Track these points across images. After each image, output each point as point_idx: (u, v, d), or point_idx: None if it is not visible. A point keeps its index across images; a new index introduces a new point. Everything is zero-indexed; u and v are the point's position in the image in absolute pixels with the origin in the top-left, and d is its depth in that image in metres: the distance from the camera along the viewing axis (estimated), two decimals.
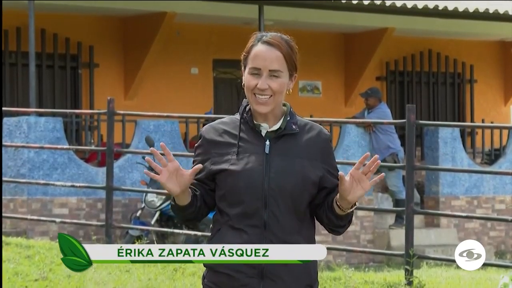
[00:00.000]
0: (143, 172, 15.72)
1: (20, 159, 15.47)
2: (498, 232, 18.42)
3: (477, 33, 21.32)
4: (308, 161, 4.17)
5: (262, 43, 4.16)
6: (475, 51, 22.24)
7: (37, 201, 15.40)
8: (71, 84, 18.63)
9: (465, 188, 18.02)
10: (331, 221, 4.19)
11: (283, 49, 4.16)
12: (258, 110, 4.15)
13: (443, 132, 17.65)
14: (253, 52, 4.16)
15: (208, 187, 4.20)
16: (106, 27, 18.77)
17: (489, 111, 22.06)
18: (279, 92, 4.14)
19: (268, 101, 4.13)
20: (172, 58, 19.07)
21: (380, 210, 17.10)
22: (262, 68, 4.13)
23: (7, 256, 11.75)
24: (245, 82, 4.18)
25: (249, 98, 4.16)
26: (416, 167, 11.47)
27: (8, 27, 17.55)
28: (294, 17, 18.17)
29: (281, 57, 4.15)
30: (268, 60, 4.13)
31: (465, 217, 15.10)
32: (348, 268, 12.71)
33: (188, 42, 19.17)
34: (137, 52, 18.59)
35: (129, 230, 14.53)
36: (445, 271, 12.95)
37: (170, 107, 17.91)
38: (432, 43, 21.67)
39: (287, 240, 4.12)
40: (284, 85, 4.16)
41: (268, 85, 4.12)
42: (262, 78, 4.13)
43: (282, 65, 4.15)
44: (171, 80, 19.21)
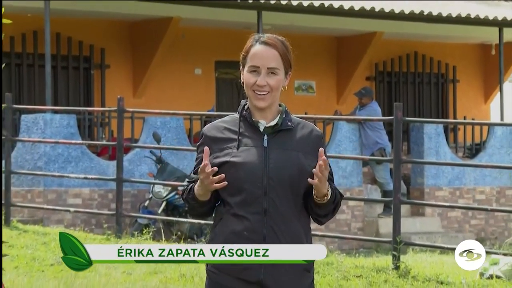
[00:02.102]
0: (151, 165, 15.76)
1: (37, 153, 15.46)
2: (479, 220, 18.42)
3: (459, 36, 21.31)
4: (303, 154, 4.18)
5: (260, 43, 4.17)
6: (458, 53, 22.23)
7: (52, 192, 15.40)
8: (84, 83, 18.62)
9: (448, 180, 18.02)
10: (312, 210, 4.19)
11: (279, 48, 4.17)
12: (258, 105, 4.16)
13: (428, 128, 17.65)
14: (252, 52, 4.17)
15: None
16: (116, 30, 18.75)
17: (471, 109, 22.04)
18: (276, 88, 4.15)
19: (266, 97, 4.14)
20: (177, 60, 19.05)
21: (370, 200, 17.10)
22: (261, 66, 4.14)
23: (25, 242, 11.76)
24: (244, 79, 4.18)
25: (249, 94, 4.17)
26: (402, 161, 11.44)
27: (25, 30, 17.54)
28: (290, 22, 18.14)
29: (277, 55, 4.16)
30: (266, 59, 4.14)
31: (448, 206, 15.11)
32: (340, 253, 12.70)
33: (192, 45, 19.16)
34: (145, 54, 18.57)
35: (138, 219, 14.53)
36: (430, 257, 12.96)
37: (176, 105, 17.91)
38: (418, 46, 21.66)
39: (286, 226, 4.12)
40: (281, 81, 4.18)
41: (266, 82, 4.13)
42: (261, 75, 4.14)
43: (279, 63, 4.16)
44: (176, 80, 19.20)
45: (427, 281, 10.07)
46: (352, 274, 10.25)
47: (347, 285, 9.75)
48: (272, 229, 4.11)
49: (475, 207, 17.12)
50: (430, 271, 10.77)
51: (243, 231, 4.11)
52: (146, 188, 15.56)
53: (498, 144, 18.68)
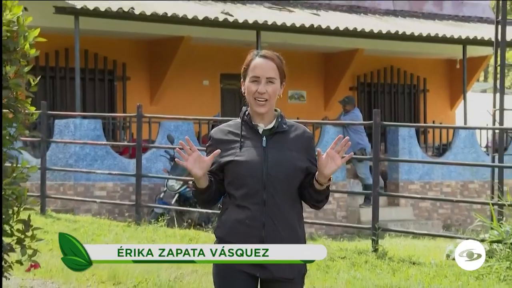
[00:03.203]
0: (165, 162, 15.75)
1: (68, 152, 15.46)
2: (445, 210, 18.42)
3: (429, 52, 21.31)
4: (296, 153, 4.18)
5: (259, 57, 4.19)
6: (428, 67, 22.23)
7: (81, 186, 15.39)
8: (108, 93, 18.62)
9: (419, 175, 18.01)
10: (312, 196, 4.17)
11: (276, 61, 4.19)
12: (258, 111, 4.16)
13: (402, 131, 17.66)
14: (253, 64, 4.18)
15: (219, 177, 4.17)
16: (136, 48, 18.75)
17: (438, 115, 22.04)
18: (273, 95, 4.16)
19: (266, 104, 4.15)
20: (188, 72, 19.06)
21: (352, 192, 17.08)
22: (261, 76, 4.15)
23: (58, 228, 11.75)
24: (246, 88, 4.19)
25: (250, 101, 4.17)
26: (380, 159, 11.43)
27: (58, 48, 17.54)
28: (284, 40, 18.15)
29: (274, 67, 4.17)
30: (265, 70, 4.15)
31: (419, 198, 15.10)
32: (327, 238, 12.71)
33: (200, 60, 19.16)
34: (160, 68, 18.57)
35: (154, 209, 14.52)
36: (403, 241, 12.95)
37: (187, 111, 17.92)
38: (393, 61, 21.66)
39: (282, 215, 4.11)
40: (277, 90, 4.18)
41: (266, 89, 4.13)
42: (261, 84, 4.15)
43: (276, 74, 4.18)
44: (187, 90, 19.20)
45: (401, 262, 10.06)
46: (337, 255, 10.24)
47: (333, 265, 9.73)
48: (270, 218, 4.11)
49: (442, 199, 17.12)
50: (404, 253, 10.76)
51: (245, 219, 4.10)
52: (161, 182, 15.56)
53: (462, 145, 18.69)
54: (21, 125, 6.45)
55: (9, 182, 6.30)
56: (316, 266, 9.46)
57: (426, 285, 8.66)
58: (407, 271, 9.45)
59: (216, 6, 18.19)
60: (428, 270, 9.52)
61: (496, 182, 12.59)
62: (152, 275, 8.42)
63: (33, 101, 6.89)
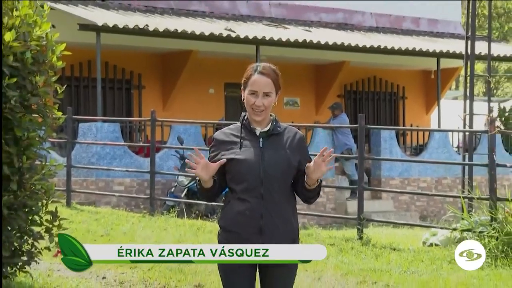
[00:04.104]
0: (176, 161, 15.74)
1: (90, 152, 15.45)
2: (422, 202, 18.40)
3: (407, 64, 21.32)
4: (290, 152, 4.19)
5: (258, 73, 4.20)
6: (406, 77, 22.23)
7: (102, 181, 15.38)
8: (126, 100, 18.61)
9: (398, 172, 18.01)
10: (304, 194, 4.21)
11: (272, 76, 4.21)
12: (255, 119, 4.20)
13: (384, 133, 17.66)
14: (252, 79, 4.20)
15: (221, 172, 4.17)
16: (150, 60, 18.75)
17: (415, 119, 22.05)
18: (268, 107, 4.21)
19: (262, 113, 4.19)
20: (195, 82, 19.05)
21: (340, 187, 17.07)
22: (258, 91, 4.18)
23: (81, 219, 11.75)
24: (245, 99, 4.22)
25: (249, 110, 4.21)
26: (365, 158, 11.43)
27: (81, 60, 17.54)
28: (280, 53, 18.14)
29: (271, 82, 4.20)
30: (262, 86, 4.19)
31: (399, 192, 15.09)
32: (318, 227, 12.71)
33: (207, 71, 19.16)
34: (172, 78, 18.57)
35: (166, 201, 14.51)
36: (385, 230, 12.94)
37: (194, 116, 17.92)
38: (376, 72, 21.66)
39: (278, 207, 4.12)
40: (272, 101, 4.22)
41: (262, 103, 4.17)
42: (259, 98, 4.18)
43: (271, 88, 4.20)
44: (195, 97, 19.19)
45: (383, 248, 10.06)
46: (327, 242, 10.24)
47: None
48: (267, 209, 4.11)
49: (419, 193, 17.10)
50: (385, 240, 10.76)
51: (245, 210, 4.11)
52: (172, 178, 15.55)
53: (436, 145, 18.68)
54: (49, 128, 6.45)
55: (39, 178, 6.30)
56: None
57: (405, 269, 8.67)
58: (388, 256, 9.45)
59: (220, 23, 18.19)
60: (406, 255, 9.52)
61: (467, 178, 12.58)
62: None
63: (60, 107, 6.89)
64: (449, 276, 8.23)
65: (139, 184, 15.69)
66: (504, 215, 9.25)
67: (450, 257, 9.15)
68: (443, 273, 8.43)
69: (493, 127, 9.68)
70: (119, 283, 7.45)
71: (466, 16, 13.63)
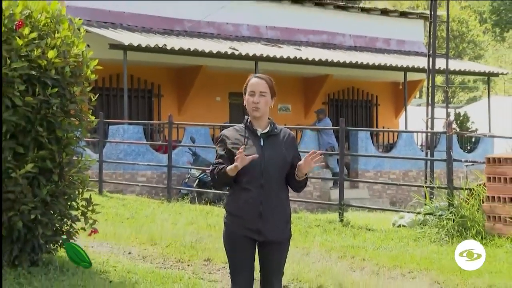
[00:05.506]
0: (189, 157, 15.72)
1: (118, 149, 15.43)
2: (392, 191, 18.39)
3: (380, 77, 21.31)
4: (285, 150, 4.18)
5: (255, 77, 4.22)
6: (379, 88, 22.22)
7: (128, 173, 15.36)
8: (148, 106, 18.58)
9: (373, 166, 18.01)
10: (294, 185, 4.19)
11: (267, 80, 4.21)
12: (254, 115, 4.16)
13: (360, 134, 17.66)
14: (250, 83, 4.20)
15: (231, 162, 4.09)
16: (168, 73, 18.73)
17: (386, 122, 22.05)
18: (265, 104, 4.16)
19: (259, 110, 4.14)
20: (205, 91, 19.02)
21: (324, 178, 17.02)
22: (255, 91, 4.16)
23: (111, 204, 11.74)
24: (246, 101, 4.20)
25: (248, 109, 4.17)
26: (345, 154, 11.43)
27: (111, 73, 17.51)
28: (275, 68, 18.11)
29: (265, 84, 4.18)
30: (258, 86, 4.17)
31: (373, 182, 15.05)
32: (306, 212, 12.71)
33: (214, 82, 19.14)
34: (185, 88, 18.55)
35: (181, 190, 14.50)
36: (361, 214, 12.94)
37: (204, 120, 17.90)
38: (354, 83, 21.65)
39: (275, 194, 4.09)
40: (268, 101, 4.19)
41: (259, 100, 4.15)
42: (256, 96, 4.16)
43: (266, 89, 4.18)
44: (205, 104, 19.17)
45: (360, 228, 10.06)
46: (314, 224, 10.24)
47: (311, 231, 9.73)
48: (266, 197, 4.10)
49: (389, 183, 17.00)
50: (362, 222, 10.76)
51: (249, 198, 4.09)
52: (186, 171, 15.54)
53: (404, 144, 18.69)
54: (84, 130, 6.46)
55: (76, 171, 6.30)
56: (298, 232, 9.47)
57: (378, 246, 8.67)
58: (364, 235, 9.45)
59: (225, 43, 18.17)
60: (379, 235, 9.52)
61: (429, 171, 12.58)
62: (179, 238, 8.40)
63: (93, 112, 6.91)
64: (414, 251, 8.25)
65: (158, 176, 15.68)
66: (459, 201, 9.25)
67: (415, 236, 9.17)
68: (409, 249, 8.45)
69: (450, 129, 9.68)
70: (142, 257, 7.45)
71: (428, 37, 13.64)
